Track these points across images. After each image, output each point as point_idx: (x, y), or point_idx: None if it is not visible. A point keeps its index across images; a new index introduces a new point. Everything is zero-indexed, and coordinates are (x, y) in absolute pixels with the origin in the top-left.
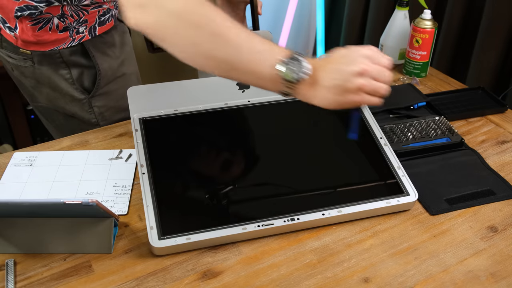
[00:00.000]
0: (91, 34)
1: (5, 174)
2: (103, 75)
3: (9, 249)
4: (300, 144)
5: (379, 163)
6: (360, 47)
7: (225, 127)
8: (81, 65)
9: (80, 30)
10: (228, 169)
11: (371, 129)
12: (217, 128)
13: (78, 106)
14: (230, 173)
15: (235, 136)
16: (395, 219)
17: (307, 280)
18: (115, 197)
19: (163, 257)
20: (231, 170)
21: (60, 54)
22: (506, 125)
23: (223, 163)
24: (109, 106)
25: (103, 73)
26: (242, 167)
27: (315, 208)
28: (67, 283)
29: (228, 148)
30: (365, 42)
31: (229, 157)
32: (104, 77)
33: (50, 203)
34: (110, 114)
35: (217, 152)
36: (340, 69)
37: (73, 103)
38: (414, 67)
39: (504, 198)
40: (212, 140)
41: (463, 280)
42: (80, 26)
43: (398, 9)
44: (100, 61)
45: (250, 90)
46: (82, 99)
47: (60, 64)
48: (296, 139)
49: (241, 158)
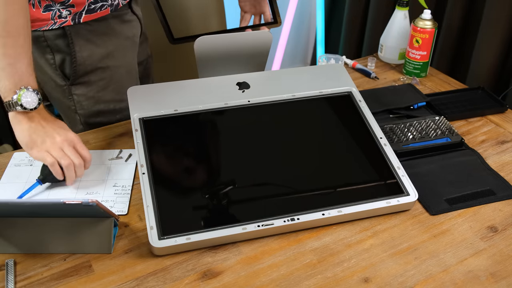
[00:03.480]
0: (75, 20)
1: (5, 174)
2: (80, 63)
3: (9, 249)
4: (300, 144)
5: (379, 163)
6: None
7: (225, 127)
8: (63, 51)
9: (63, 15)
10: (228, 169)
11: (371, 129)
12: (217, 128)
13: (60, 92)
14: (230, 173)
15: (235, 136)
16: (395, 219)
17: (307, 280)
18: (115, 197)
19: (163, 257)
20: (231, 170)
21: (45, 38)
22: (506, 125)
23: (223, 163)
24: (88, 96)
25: (80, 61)
26: (242, 167)
27: (315, 208)
28: (67, 283)
29: (228, 148)
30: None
31: (229, 157)
32: (81, 65)
33: (50, 203)
34: (88, 104)
35: (217, 152)
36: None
37: (57, 89)
38: (414, 67)
39: (504, 198)
40: (212, 140)
41: (463, 280)
42: (65, 9)
43: (398, 9)
44: (79, 49)
45: (250, 90)
46: (63, 86)
47: (45, 48)
48: (296, 139)
49: (241, 158)
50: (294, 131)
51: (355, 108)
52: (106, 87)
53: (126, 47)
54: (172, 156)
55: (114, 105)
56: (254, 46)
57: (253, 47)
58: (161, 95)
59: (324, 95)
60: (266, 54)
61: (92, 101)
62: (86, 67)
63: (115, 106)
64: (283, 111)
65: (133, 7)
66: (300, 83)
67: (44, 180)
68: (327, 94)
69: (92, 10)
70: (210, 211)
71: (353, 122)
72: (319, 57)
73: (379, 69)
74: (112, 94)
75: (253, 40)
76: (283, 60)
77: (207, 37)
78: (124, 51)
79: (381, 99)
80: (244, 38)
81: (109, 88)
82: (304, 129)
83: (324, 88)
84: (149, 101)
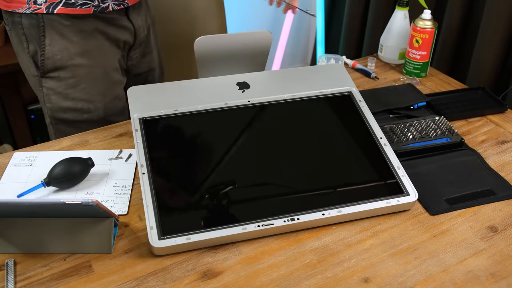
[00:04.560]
0: (49, 10)
1: (5, 174)
2: (49, 57)
3: (9, 249)
4: (300, 144)
5: (379, 163)
6: None
7: (225, 127)
8: (36, 41)
9: (38, 1)
10: (228, 169)
11: (371, 129)
12: (217, 128)
13: (33, 81)
14: (230, 173)
15: (235, 136)
16: (395, 219)
17: (307, 280)
18: (115, 197)
19: (163, 257)
20: (231, 170)
21: (22, 26)
22: (506, 125)
23: (223, 163)
24: (57, 91)
25: (49, 55)
26: (242, 167)
27: (315, 208)
28: (67, 283)
29: (228, 148)
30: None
31: (229, 157)
32: (50, 59)
33: (50, 203)
34: (56, 99)
35: (217, 152)
36: None
37: (30, 78)
38: (414, 67)
39: (504, 198)
40: (212, 140)
41: (463, 280)
42: None
43: (398, 9)
44: (50, 42)
45: (250, 90)
46: (36, 76)
47: (22, 36)
48: (296, 139)
49: (241, 158)
50: (294, 131)
51: (355, 108)
52: (77, 85)
53: (107, 49)
54: (172, 156)
55: (83, 104)
56: (254, 46)
57: (253, 47)
58: (161, 95)
59: (324, 95)
60: (266, 54)
61: (60, 97)
62: (56, 62)
63: (83, 106)
64: (283, 111)
65: (131, 15)
66: (300, 83)
67: (49, 183)
68: (327, 94)
69: (71, 4)
70: (210, 211)
71: (353, 122)
72: (319, 57)
73: (379, 69)
74: (82, 93)
75: (253, 40)
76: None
77: (207, 37)
78: (104, 52)
79: (381, 99)
80: (244, 38)
81: (79, 86)
82: (304, 129)
83: (324, 88)
84: (149, 101)
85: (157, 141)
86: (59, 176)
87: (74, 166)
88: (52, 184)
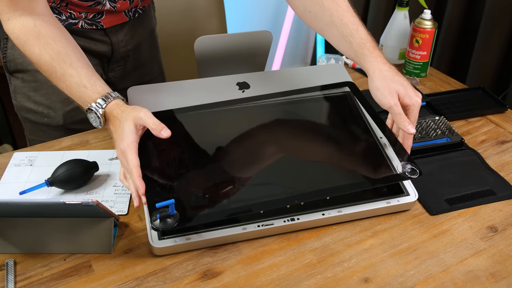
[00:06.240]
0: None
1: (5, 174)
2: (10, 60)
3: (9, 249)
4: (300, 144)
5: (379, 163)
6: None
7: (225, 127)
8: (1, 43)
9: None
10: (228, 169)
11: (371, 129)
12: (216, 128)
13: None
14: (230, 173)
15: (235, 136)
16: (395, 219)
17: (307, 280)
18: (115, 197)
19: (163, 257)
20: (231, 170)
21: None
22: (506, 125)
23: (223, 163)
24: (21, 91)
25: (10, 58)
26: (242, 167)
27: (315, 208)
28: (67, 283)
29: (228, 148)
30: None
31: (229, 157)
32: (11, 62)
33: (50, 203)
34: (21, 98)
35: (217, 152)
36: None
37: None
38: (414, 67)
39: (504, 198)
40: (212, 140)
41: (463, 280)
42: None
43: (398, 9)
44: (12, 46)
45: (250, 90)
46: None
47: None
48: (296, 139)
49: (241, 158)
50: (294, 131)
51: (355, 108)
52: (38, 89)
53: (75, 57)
54: (172, 156)
55: (43, 109)
56: (254, 46)
57: (253, 47)
58: (161, 95)
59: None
60: (266, 54)
61: (24, 97)
62: (17, 66)
63: (43, 110)
64: (283, 111)
65: (108, 31)
66: (300, 83)
67: (52, 183)
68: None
69: None
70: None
71: (353, 122)
72: (319, 57)
73: None
74: (43, 98)
75: (253, 40)
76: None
77: (207, 37)
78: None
79: None
80: (244, 38)
81: (40, 91)
82: (304, 129)
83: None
84: (149, 101)
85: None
86: (64, 178)
87: (79, 169)
88: (55, 185)
